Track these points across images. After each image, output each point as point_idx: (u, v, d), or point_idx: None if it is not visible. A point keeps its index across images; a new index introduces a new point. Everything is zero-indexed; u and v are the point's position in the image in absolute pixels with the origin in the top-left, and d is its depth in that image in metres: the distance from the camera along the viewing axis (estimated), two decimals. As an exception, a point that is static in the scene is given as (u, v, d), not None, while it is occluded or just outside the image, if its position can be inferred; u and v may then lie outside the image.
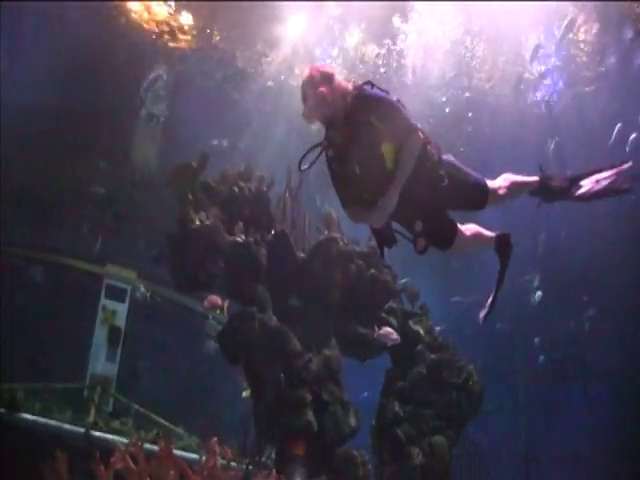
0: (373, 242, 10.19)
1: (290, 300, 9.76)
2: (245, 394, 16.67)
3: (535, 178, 4.54)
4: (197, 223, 8.57)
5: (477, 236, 4.38)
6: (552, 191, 4.54)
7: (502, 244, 4.46)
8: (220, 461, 4.16)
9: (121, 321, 13.71)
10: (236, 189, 9.29)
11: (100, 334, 13.51)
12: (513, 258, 4.50)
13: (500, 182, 4.35)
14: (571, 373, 15.06)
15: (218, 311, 8.36)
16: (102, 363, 13.37)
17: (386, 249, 4.21)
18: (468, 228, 4.32)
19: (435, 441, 10.05)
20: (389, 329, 8.96)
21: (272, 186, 9.54)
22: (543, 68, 13.17)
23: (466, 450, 11.90)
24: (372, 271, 9.98)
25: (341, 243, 9.70)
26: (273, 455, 9.28)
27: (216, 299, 8.14)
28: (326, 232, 9.81)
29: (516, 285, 15.05)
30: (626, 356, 13.91)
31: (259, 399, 8.91)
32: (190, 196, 8.60)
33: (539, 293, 14.49)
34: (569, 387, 15.04)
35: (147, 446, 9.99)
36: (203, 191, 9.08)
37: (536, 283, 14.63)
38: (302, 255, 9.60)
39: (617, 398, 13.97)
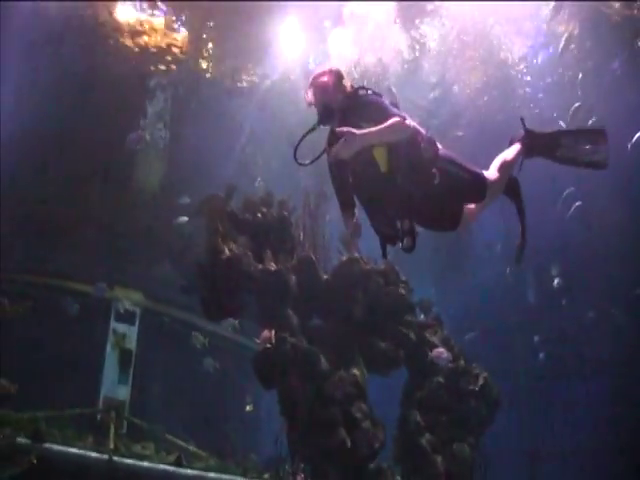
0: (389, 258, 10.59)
1: (314, 320, 10.04)
2: (249, 408, 17.03)
3: (517, 145, 4.69)
4: (227, 253, 8.76)
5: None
6: (536, 146, 4.69)
7: (510, 188, 4.68)
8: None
9: (132, 344, 13.76)
10: (260, 215, 9.49)
11: (111, 357, 13.54)
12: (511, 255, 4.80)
13: (493, 169, 4.50)
14: (571, 369, 15.54)
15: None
16: (114, 386, 13.41)
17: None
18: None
19: (457, 448, 10.41)
20: (440, 349, 9.31)
21: (294, 211, 9.77)
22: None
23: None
24: (391, 287, 10.29)
25: (361, 263, 9.99)
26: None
27: (268, 334, 8.34)
28: (345, 252, 10.08)
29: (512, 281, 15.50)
30: (626, 350, 14.41)
31: (292, 419, 9.14)
32: (220, 227, 8.76)
33: (557, 280, 14.65)
34: (569, 384, 15.54)
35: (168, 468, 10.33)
36: (230, 220, 9.25)
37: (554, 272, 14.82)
38: (325, 276, 9.86)
39: (617, 394, 14.46)
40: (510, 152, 4.67)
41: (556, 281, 14.47)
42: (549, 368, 15.49)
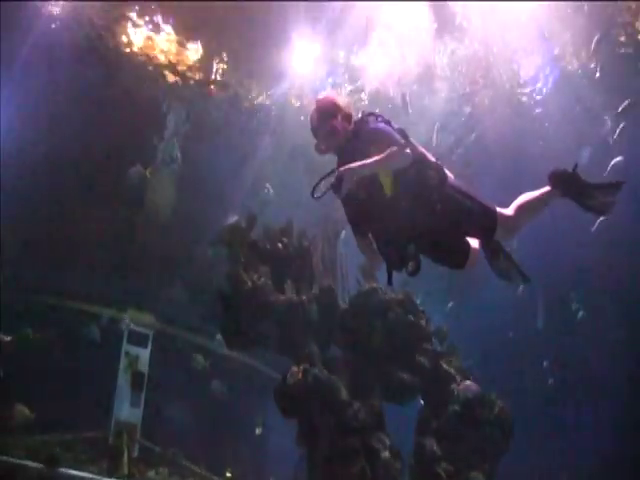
0: (407, 288, 10.69)
1: (332, 349, 10.10)
2: (258, 431, 17.03)
3: (548, 189, 4.35)
4: (249, 284, 8.82)
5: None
6: (574, 192, 4.33)
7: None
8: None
9: (144, 366, 13.80)
10: (280, 245, 9.55)
11: (123, 380, 13.57)
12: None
13: (511, 208, 4.29)
14: (580, 394, 15.61)
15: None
16: (127, 409, 13.43)
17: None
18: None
19: (473, 477, 10.44)
20: (468, 382, 9.37)
21: (313, 241, 9.83)
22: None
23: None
24: (409, 317, 10.36)
25: (380, 292, 10.06)
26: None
27: (298, 370, 8.40)
28: (364, 282, 10.15)
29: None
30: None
31: (313, 450, 9.18)
32: (242, 257, 8.83)
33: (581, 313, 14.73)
34: (578, 408, 15.63)
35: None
36: (251, 250, 9.32)
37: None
38: (345, 306, 9.92)
39: (625, 416, 14.54)
40: (539, 194, 4.38)
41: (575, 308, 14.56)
42: (559, 392, 15.52)
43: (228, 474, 14.92)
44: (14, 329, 11.89)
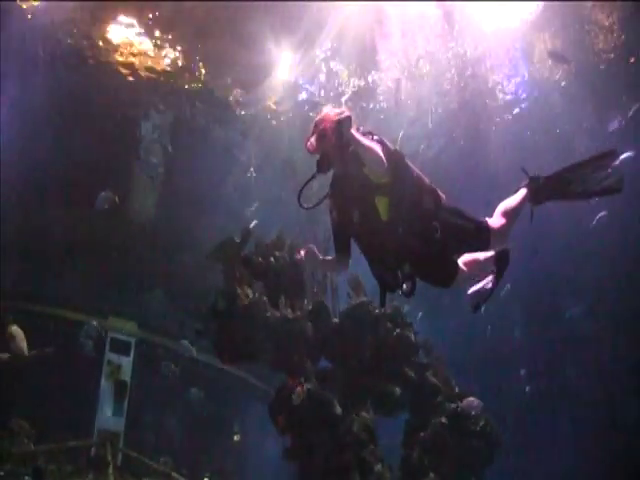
0: (395, 302, 10.78)
1: (322, 362, 10.16)
2: (236, 438, 17.03)
3: (523, 191, 4.47)
4: (244, 300, 8.82)
5: (476, 263, 4.39)
6: (543, 191, 4.46)
7: (501, 261, 4.51)
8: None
9: (127, 375, 13.68)
10: (273, 260, 9.57)
11: (106, 389, 13.45)
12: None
13: (497, 216, 4.36)
14: (557, 402, 15.93)
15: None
16: (109, 418, 13.31)
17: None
18: (465, 261, 4.35)
19: (460, 488, 10.63)
20: (471, 398, 9.51)
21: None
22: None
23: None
24: (397, 330, 10.47)
25: (370, 307, 10.14)
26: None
27: (300, 390, 8.41)
28: (354, 296, 10.22)
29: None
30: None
31: (307, 464, 9.24)
32: (237, 273, 8.82)
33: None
34: (555, 416, 15.94)
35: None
36: (244, 265, 9.31)
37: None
38: (335, 320, 9.99)
39: (603, 423, 14.90)
40: (515, 198, 4.50)
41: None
42: (536, 400, 15.81)
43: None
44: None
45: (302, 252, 4.07)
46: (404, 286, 4.02)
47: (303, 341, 9.21)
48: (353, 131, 3.79)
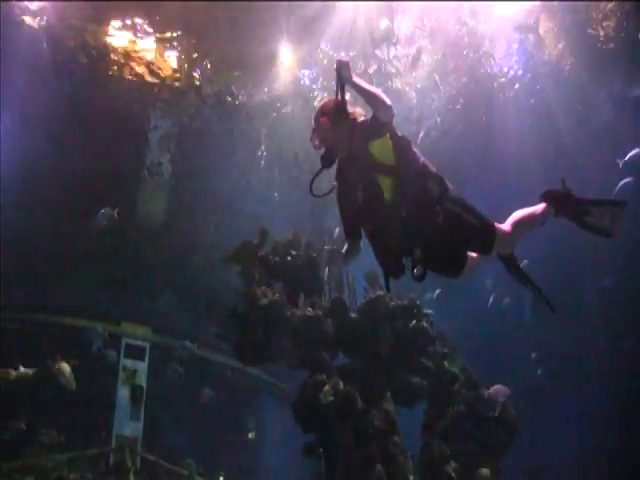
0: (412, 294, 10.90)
1: (341, 357, 10.26)
2: (251, 436, 17.11)
3: (544, 206, 4.45)
4: (264, 300, 8.89)
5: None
6: (569, 211, 4.46)
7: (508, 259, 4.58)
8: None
9: (142, 380, 13.73)
10: (289, 259, 9.64)
11: (122, 394, 13.50)
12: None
13: (509, 222, 4.34)
14: (569, 384, 16.05)
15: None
16: (127, 423, 13.38)
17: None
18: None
19: (481, 473, 10.73)
20: (497, 386, 9.59)
21: (320, 253, 9.93)
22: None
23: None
24: (414, 322, 10.57)
25: (387, 299, 10.24)
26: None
27: (328, 388, 8.49)
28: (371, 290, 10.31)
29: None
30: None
31: (332, 458, 9.34)
32: (255, 274, 8.88)
33: None
34: (567, 396, 16.06)
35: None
36: (262, 265, 9.38)
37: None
38: (353, 315, 10.08)
39: (615, 404, 15.01)
40: (535, 211, 4.46)
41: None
42: (547, 384, 15.92)
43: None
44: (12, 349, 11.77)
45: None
46: (414, 270, 4.05)
47: (324, 338, 9.27)
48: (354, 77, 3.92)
